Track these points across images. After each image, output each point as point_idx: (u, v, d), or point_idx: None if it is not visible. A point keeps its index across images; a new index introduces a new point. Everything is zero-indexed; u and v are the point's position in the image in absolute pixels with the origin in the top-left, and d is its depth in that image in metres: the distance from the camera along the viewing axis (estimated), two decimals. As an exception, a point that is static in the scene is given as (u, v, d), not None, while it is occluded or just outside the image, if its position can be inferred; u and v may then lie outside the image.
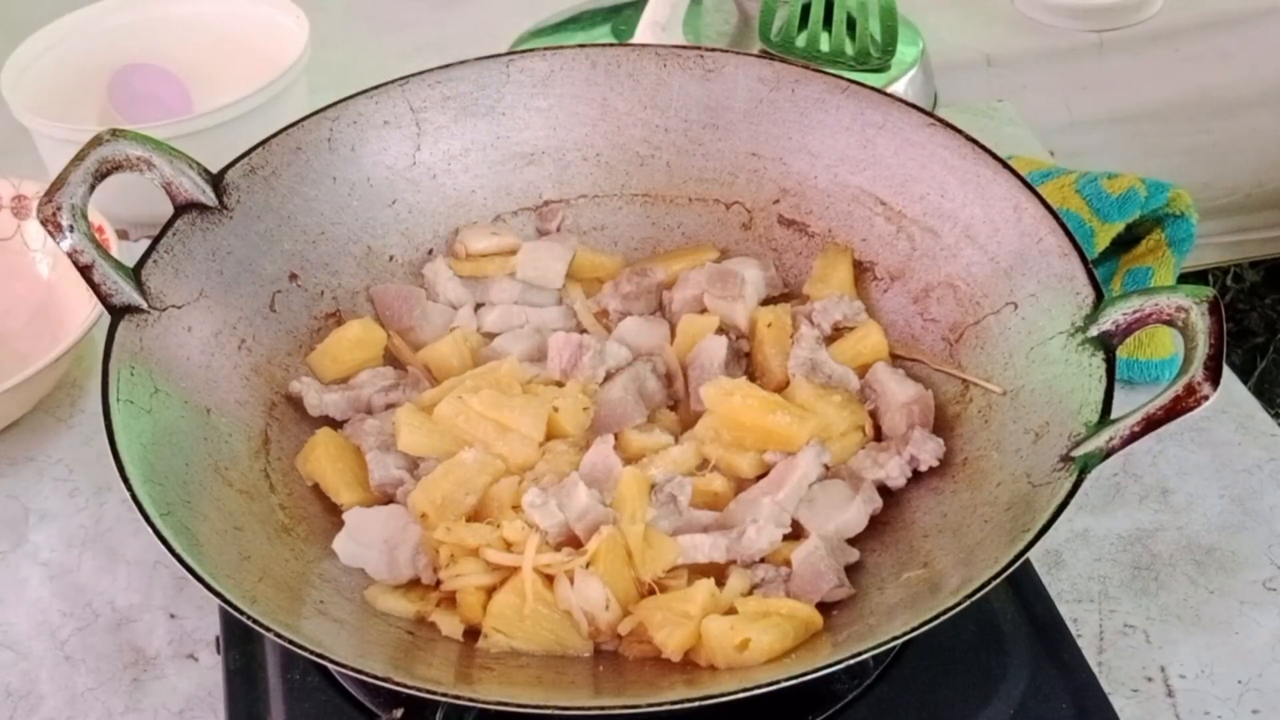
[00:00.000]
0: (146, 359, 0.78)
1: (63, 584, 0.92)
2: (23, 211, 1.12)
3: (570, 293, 0.94)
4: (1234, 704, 0.81)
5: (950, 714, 0.75)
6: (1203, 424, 0.98)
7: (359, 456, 0.83)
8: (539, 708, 0.64)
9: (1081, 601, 0.87)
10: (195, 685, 0.85)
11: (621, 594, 0.74)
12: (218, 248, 0.85)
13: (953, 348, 0.85)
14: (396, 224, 0.94)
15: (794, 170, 0.93)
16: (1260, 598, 0.87)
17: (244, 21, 1.31)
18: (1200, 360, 0.67)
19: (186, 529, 0.71)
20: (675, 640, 0.72)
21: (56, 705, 0.84)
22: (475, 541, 0.76)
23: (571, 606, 0.74)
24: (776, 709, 0.73)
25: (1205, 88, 1.49)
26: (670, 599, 0.74)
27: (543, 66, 0.95)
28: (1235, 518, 0.92)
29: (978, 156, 0.86)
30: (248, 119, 1.14)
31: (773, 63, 0.93)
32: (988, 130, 1.28)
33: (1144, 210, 1.04)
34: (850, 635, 0.71)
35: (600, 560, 0.74)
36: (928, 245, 0.88)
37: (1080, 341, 0.75)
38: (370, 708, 0.75)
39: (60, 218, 0.77)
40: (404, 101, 0.93)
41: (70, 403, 1.05)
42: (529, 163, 0.96)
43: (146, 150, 0.81)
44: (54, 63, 1.26)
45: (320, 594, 0.75)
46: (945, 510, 0.78)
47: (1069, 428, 0.72)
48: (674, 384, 0.87)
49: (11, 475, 1.00)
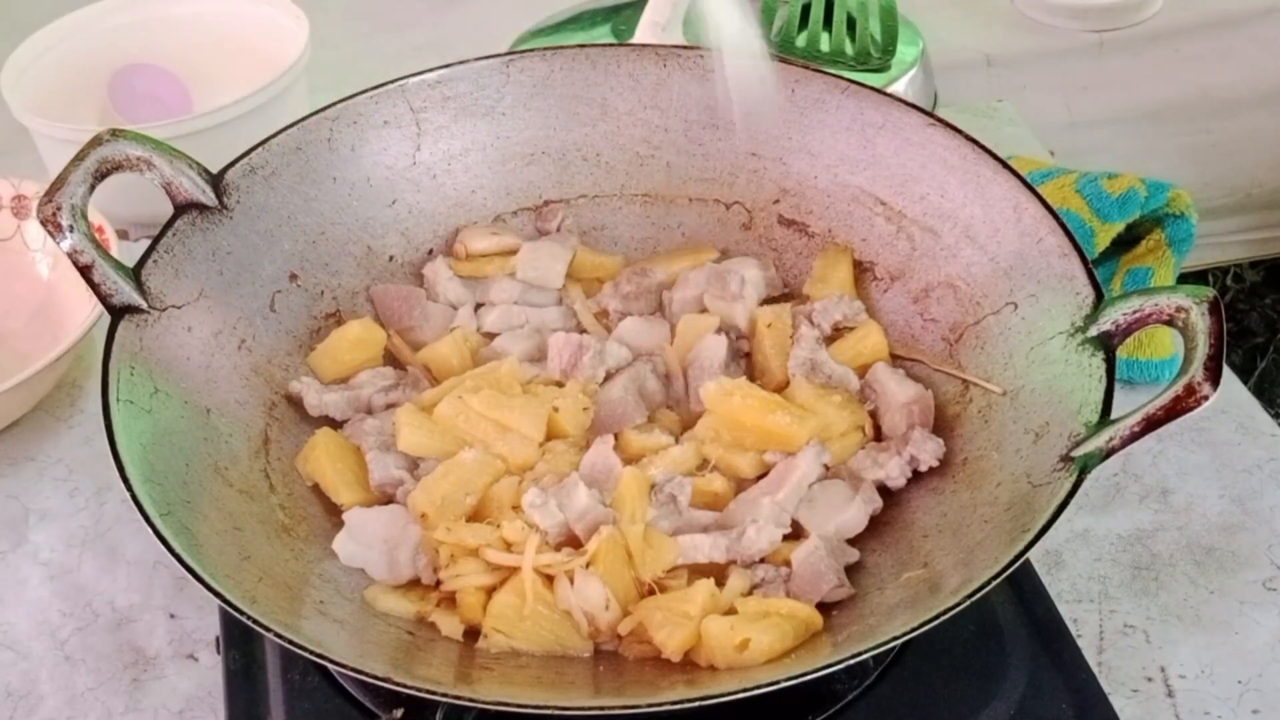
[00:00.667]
0: (146, 359, 0.78)
1: (63, 584, 0.92)
2: (23, 211, 1.12)
3: (570, 293, 0.94)
4: (1234, 704, 0.81)
5: (950, 714, 0.75)
6: (1203, 424, 0.98)
7: (359, 456, 0.83)
8: (539, 708, 0.64)
9: (1081, 601, 0.87)
10: (195, 685, 0.85)
11: (621, 594, 0.74)
12: (218, 248, 0.85)
13: (953, 348, 0.85)
14: (396, 224, 0.94)
15: (794, 170, 0.93)
16: (1260, 598, 0.87)
17: (244, 21, 1.31)
18: (1200, 360, 0.67)
19: (186, 529, 0.71)
20: (675, 640, 0.72)
21: (56, 705, 0.84)
22: (475, 541, 0.76)
23: (571, 606, 0.74)
24: (776, 709, 0.73)
25: (1205, 88, 1.49)
26: (670, 599, 0.74)
27: (543, 66, 0.95)
28: (1235, 518, 0.92)
29: (978, 156, 0.86)
30: (248, 119, 1.14)
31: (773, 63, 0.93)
32: (988, 130, 1.28)
33: (1144, 210, 1.04)
34: (850, 635, 0.71)
35: (600, 560, 0.74)
36: (928, 245, 0.88)
37: (1080, 341, 0.75)
38: (370, 708, 0.75)
39: (60, 218, 0.77)
40: (404, 101, 0.93)
41: (70, 403, 1.05)
42: (529, 163, 0.96)
43: (146, 150, 0.81)
44: (54, 63, 1.26)
45: (320, 594, 0.75)
46: (945, 510, 0.78)
47: (1069, 428, 0.72)
48: (674, 384, 0.87)
49: (11, 475, 1.00)
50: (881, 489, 0.81)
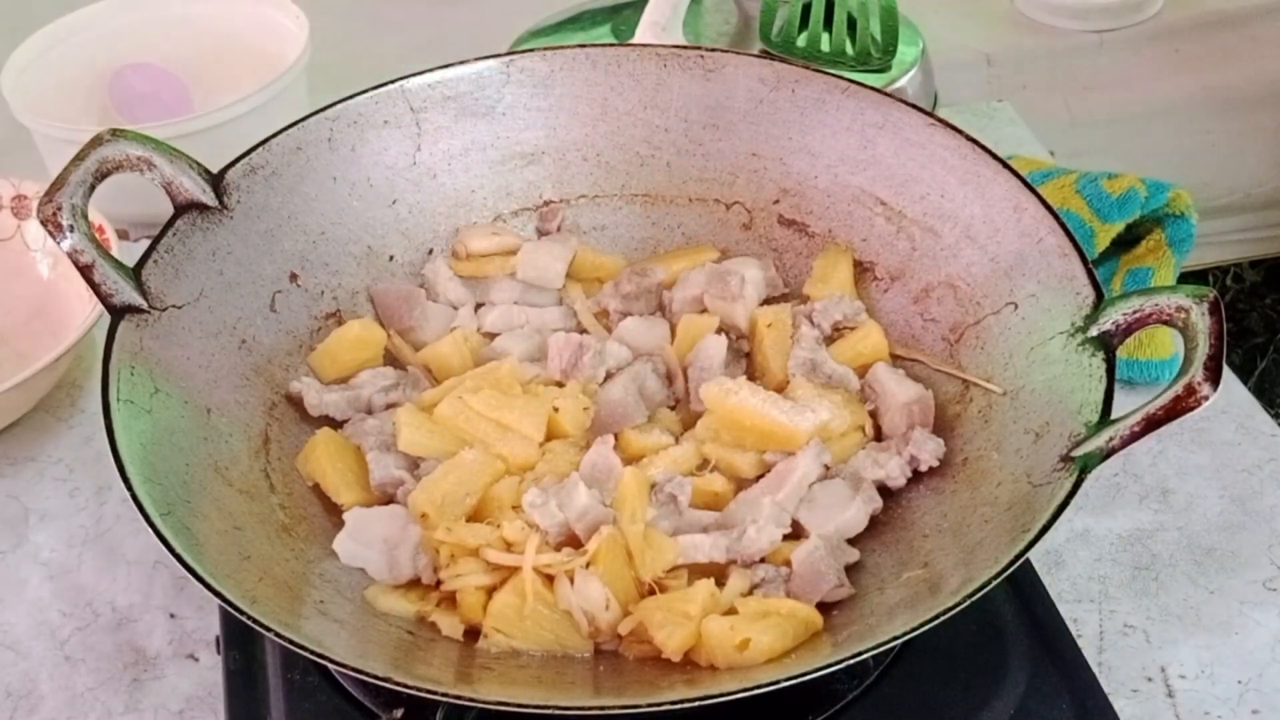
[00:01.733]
0: (146, 359, 0.78)
1: (63, 584, 0.92)
2: (23, 211, 1.12)
3: (570, 293, 0.94)
4: (1234, 704, 0.81)
5: (950, 714, 0.75)
6: (1203, 424, 0.98)
7: (359, 456, 0.83)
8: (539, 708, 0.64)
9: (1081, 601, 0.87)
10: (195, 685, 0.85)
11: (621, 594, 0.74)
12: (218, 248, 0.85)
13: (953, 348, 0.85)
14: (396, 224, 0.94)
15: (794, 170, 0.93)
16: (1260, 598, 0.87)
17: (244, 21, 1.31)
18: (1200, 360, 0.67)
19: (186, 529, 0.71)
20: (675, 640, 0.72)
21: (56, 705, 0.84)
22: (475, 541, 0.76)
23: (572, 606, 0.74)
24: (776, 709, 0.73)
25: (1205, 88, 1.49)
26: (670, 599, 0.74)
27: (543, 66, 0.95)
28: (1235, 518, 0.92)
29: (978, 156, 0.86)
30: (248, 119, 1.14)
31: (773, 63, 0.93)
32: (988, 130, 1.28)
33: (1144, 210, 1.04)
34: (850, 635, 0.71)
35: (600, 560, 0.74)
36: (928, 245, 0.88)
37: (1080, 341, 0.75)
38: (370, 708, 0.75)
39: (60, 218, 0.77)
40: (404, 101, 0.93)
41: (70, 403, 1.05)
42: (529, 163, 0.96)
43: (147, 150, 0.81)
44: (54, 63, 1.26)
45: (320, 594, 0.75)
46: (945, 510, 0.78)
47: (1069, 428, 0.72)
48: (674, 383, 0.87)
49: (11, 475, 1.00)
50: (882, 489, 0.81)
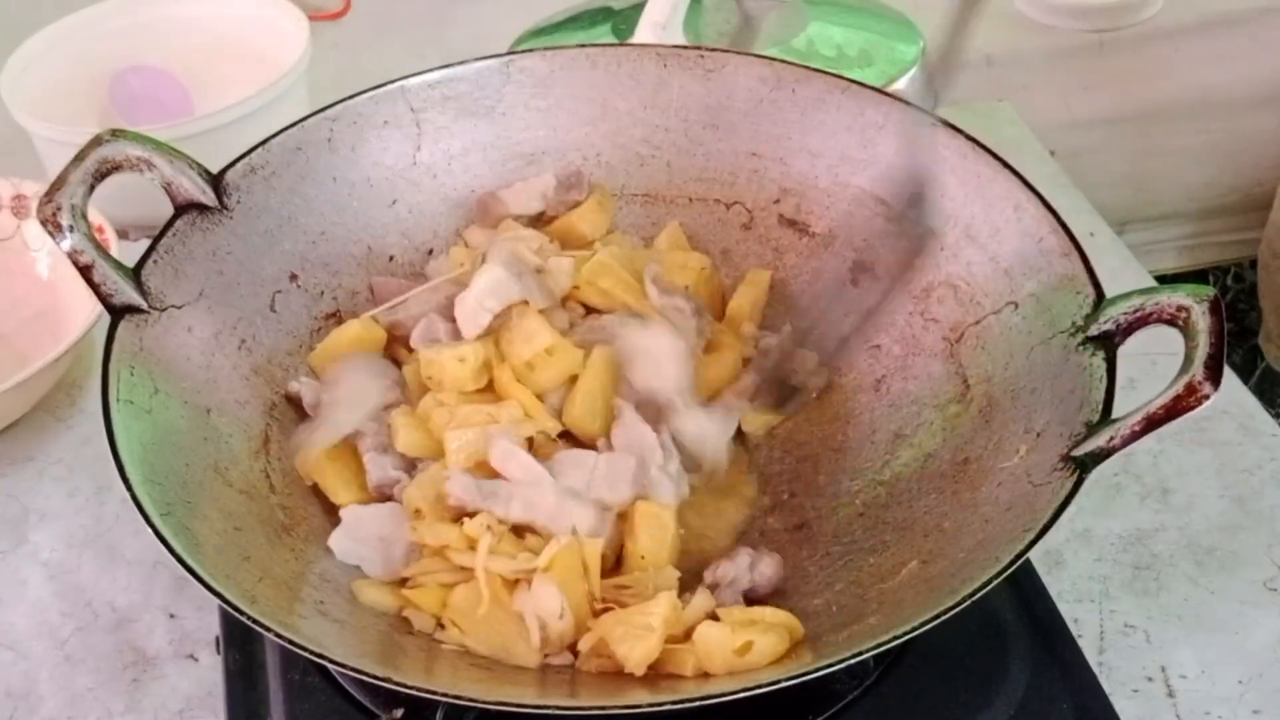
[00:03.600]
0: (146, 359, 0.78)
1: (63, 584, 0.92)
2: (23, 211, 1.12)
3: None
4: (1234, 704, 0.81)
5: (950, 714, 0.75)
6: (1203, 424, 0.98)
7: (358, 457, 0.83)
8: (539, 708, 0.64)
9: (1082, 601, 0.87)
10: (195, 685, 0.85)
11: (576, 607, 0.73)
12: (218, 248, 0.85)
13: (953, 347, 0.85)
14: (396, 224, 0.94)
15: (794, 170, 0.93)
16: (1260, 598, 0.87)
17: (244, 23, 1.31)
18: (1201, 360, 0.67)
19: (186, 529, 0.71)
20: (638, 653, 0.71)
21: (56, 705, 0.84)
22: (438, 541, 0.76)
23: (525, 612, 0.73)
24: (776, 709, 0.73)
25: (1205, 88, 1.49)
26: (630, 613, 0.72)
27: (543, 66, 0.95)
28: (1236, 518, 0.92)
29: (978, 156, 0.86)
30: (248, 121, 1.14)
31: (773, 63, 0.93)
32: (988, 130, 1.27)
33: None
34: (850, 635, 0.71)
35: (556, 568, 0.73)
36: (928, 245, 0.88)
37: (1081, 341, 0.75)
38: (370, 708, 0.75)
39: (60, 218, 0.77)
40: (404, 101, 0.93)
41: (70, 403, 1.05)
42: (529, 163, 0.96)
43: (147, 150, 0.81)
44: (54, 64, 1.26)
45: (320, 594, 0.75)
46: (945, 510, 0.78)
47: (1069, 428, 0.72)
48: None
49: (11, 475, 1.00)
50: (884, 486, 0.81)
